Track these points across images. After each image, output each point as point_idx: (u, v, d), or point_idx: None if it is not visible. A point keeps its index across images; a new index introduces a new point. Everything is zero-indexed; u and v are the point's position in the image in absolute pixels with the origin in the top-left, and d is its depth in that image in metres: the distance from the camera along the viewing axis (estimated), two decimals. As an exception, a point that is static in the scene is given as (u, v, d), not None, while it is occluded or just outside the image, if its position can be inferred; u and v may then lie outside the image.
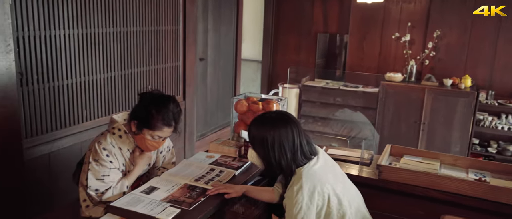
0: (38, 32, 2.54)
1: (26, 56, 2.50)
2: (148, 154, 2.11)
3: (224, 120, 4.96)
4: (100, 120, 3.09)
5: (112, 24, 3.05)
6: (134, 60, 3.32)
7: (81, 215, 2.05)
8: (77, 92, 2.88)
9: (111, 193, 1.97)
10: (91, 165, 1.96)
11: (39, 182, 2.73)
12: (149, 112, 1.96)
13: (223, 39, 4.65)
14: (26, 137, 2.56)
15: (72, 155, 2.90)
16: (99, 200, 1.96)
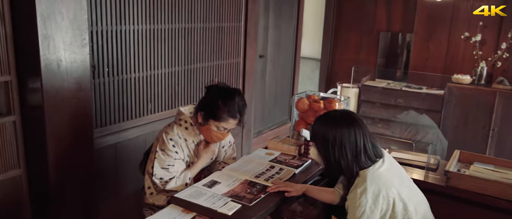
0: (110, 27, 2.66)
1: (99, 50, 2.64)
2: (212, 148, 2.15)
3: (281, 117, 4.95)
4: (163, 113, 3.20)
5: (177, 20, 3.14)
6: (197, 55, 3.40)
7: (145, 202, 2.13)
8: (143, 86, 2.99)
9: (174, 183, 2.03)
10: (158, 154, 2.04)
11: (106, 170, 2.87)
12: (215, 103, 2.00)
13: (283, 37, 4.64)
14: (96, 127, 2.70)
15: (137, 146, 3.02)
16: (162, 189, 2.03)
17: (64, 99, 2.32)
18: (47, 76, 2.21)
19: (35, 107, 2.29)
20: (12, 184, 2.42)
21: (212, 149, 2.14)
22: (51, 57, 2.21)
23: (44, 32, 2.15)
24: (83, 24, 2.33)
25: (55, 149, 2.35)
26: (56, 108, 2.29)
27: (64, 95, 2.31)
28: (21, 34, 2.22)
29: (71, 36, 2.28)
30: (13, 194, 2.43)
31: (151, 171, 2.05)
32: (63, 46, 2.25)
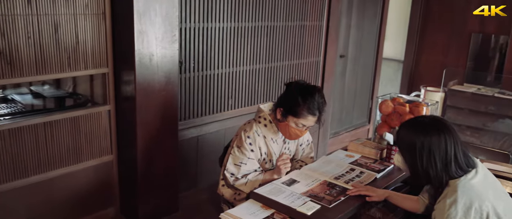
0: (198, 24, 2.77)
1: (186, 46, 2.76)
2: (288, 165, 2.09)
3: (359, 119, 4.82)
4: (243, 110, 3.26)
5: (260, 18, 3.18)
6: (278, 54, 3.42)
7: (217, 191, 2.19)
8: (225, 82, 3.08)
9: (243, 183, 2.06)
10: (233, 150, 2.08)
11: (188, 162, 3.00)
12: (295, 100, 2.00)
13: (365, 36, 4.51)
14: (180, 120, 2.83)
15: (217, 140, 3.12)
16: (231, 184, 2.07)
17: (154, 91, 2.45)
18: (140, 69, 2.36)
19: (128, 98, 2.45)
20: (105, 168, 2.61)
21: (289, 165, 2.09)
22: (144, 52, 2.35)
23: (139, 28, 2.29)
24: (174, 21, 2.45)
25: (144, 138, 2.49)
26: (147, 100, 2.44)
27: (154, 87, 2.45)
28: (119, 29, 2.39)
29: (163, 32, 2.41)
30: (105, 177, 2.63)
31: (225, 164, 2.10)
32: (155, 41, 2.38)
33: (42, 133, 2.27)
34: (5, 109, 3.02)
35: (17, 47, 2.06)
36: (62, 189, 2.44)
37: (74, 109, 2.45)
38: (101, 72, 2.44)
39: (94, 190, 2.60)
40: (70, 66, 2.27)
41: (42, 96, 3.16)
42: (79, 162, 2.46)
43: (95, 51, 2.36)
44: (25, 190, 2.28)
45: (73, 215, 2.53)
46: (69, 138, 2.38)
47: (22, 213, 2.31)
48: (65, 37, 2.22)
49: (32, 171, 2.28)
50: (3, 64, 2.03)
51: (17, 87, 3.19)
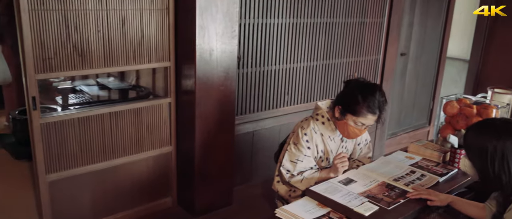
0: (257, 20, 2.78)
1: (244, 42, 2.78)
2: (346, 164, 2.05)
3: (418, 121, 4.63)
4: (298, 106, 3.25)
5: (320, 14, 3.14)
6: (336, 51, 3.36)
7: (271, 187, 2.19)
8: (282, 78, 3.08)
9: (299, 179, 2.04)
10: (290, 147, 2.07)
11: (243, 157, 3.03)
12: (355, 98, 1.95)
13: (429, 34, 4.31)
14: (237, 114, 2.86)
15: (272, 136, 3.13)
16: (287, 180, 2.06)
17: (213, 86, 2.50)
18: (201, 64, 2.41)
19: (188, 91, 2.51)
20: (164, 159, 2.70)
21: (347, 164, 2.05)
22: (205, 47, 2.40)
23: (201, 23, 2.34)
24: (234, 16, 2.47)
25: (202, 131, 2.55)
26: (206, 94, 2.49)
27: (213, 82, 2.49)
28: (181, 24, 2.45)
29: (223, 28, 2.44)
30: (164, 168, 2.72)
31: (281, 160, 2.09)
32: (215, 37, 2.43)
33: (108, 122, 2.38)
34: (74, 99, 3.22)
35: (88, 40, 2.17)
36: (124, 176, 2.55)
37: (137, 101, 2.56)
38: (164, 66, 2.52)
39: (153, 179, 2.69)
40: (135, 59, 2.37)
41: (107, 88, 3.32)
42: (140, 151, 2.56)
43: (159, 45, 2.44)
44: (91, 176, 2.41)
45: (133, 202, 2.65)
46: (132, 128, 2.49)
47: (87, 196, 2.44)
48: (131, 31, 2.32)
49: (98, 158, 2.40)
50: (75, 57, 2.16)
51: (85, 79, 3.38)
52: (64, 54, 2.12)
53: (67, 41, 2.11)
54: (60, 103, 3.27)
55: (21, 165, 3.40)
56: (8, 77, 3.52)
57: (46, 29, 2.04)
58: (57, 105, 3.20)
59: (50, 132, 2.20)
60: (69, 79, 3.33)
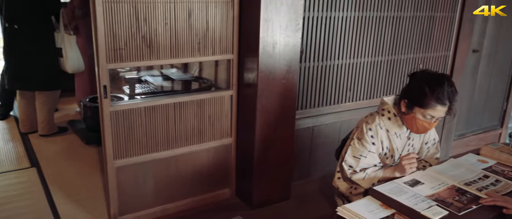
0: (321, 13, 2.73)
1: (308, 35, 2.74)
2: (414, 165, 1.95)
3: (490, 122, 4.34)
4: (361, 103, 3.15)
5: (386, 8, 3.02)
6: (402, 46, 3.22)
7: (332, 184, 2.15)
8: (344, 73, 3.00)
9: (361, 177, 1.97)
10: (353, 142, 2.01)
11: (302, 152, 3.00)
12: (421, 89, 1.86)
13: (505, 30, 4.01)
14: (297, 109, 2.83)
15: (332, 132, 3.07)
16: (348, 177, 2.00)
17: (275, 79, 2.49)
18: (264, 57, 2.40)
19: (250, 84, 2.52)
20: (224, 150, 2.74)
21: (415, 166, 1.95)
22: (269, 40, 2.39)
23: (265, 16, 2.33)
24: (299, 9, 2.44)
25: (262, 124, 2.55)
26: (268, 87, 2.48)
27: (275, 75, 2.48)
28: (245, 17, 2.46)
29: (287, 21, 2.42)
30: (224, 159, 2.76)
31: (344, 156, 2.04)
32: (279, 30, 2.41)
33: (172, 112, 2.45)
34: (140, 89, 3.35)
35: (156, 32, 2.24)
36: (185, 166, 2.62)
37: (201, 92, 2.60)
38: (227, 58, 2.54)
39: (213, 170, 2.74)
40: (199, 51, 2.41)
41: (171, 79, 3.42)
42: (201, 142, 2.61)
43: (223, 38, 2.47)
44: (154, 163, 2.50)
45: (193, 191, 2.71)
46: (195, 119, 2.54)
47: (150, 183, 2.53)
48: (197, 23, 2.35)
49: (162, 146, 2.48)
50: (144, 48, 2.23)
51: (150, 69, 3.50)
52: (133, 45, 2.20)
53: (136, 32, 2.18)
54: (126, 92, 3.42)
55: (91, 149, 3.60)
56: (81, 66, 3.73)
57: (118, 21, 2.12)
58: (123, 94, 3.35)
59: (119, 119, 2.30)
60: (135, 69, 3.47)
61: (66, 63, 3.60)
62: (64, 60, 3.60)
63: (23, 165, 3.29)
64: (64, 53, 3.58)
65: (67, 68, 3.63)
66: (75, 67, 3.66)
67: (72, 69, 3.66)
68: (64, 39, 3.56)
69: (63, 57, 3.59)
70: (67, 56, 3.58)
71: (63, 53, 3.58)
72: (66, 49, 3.57)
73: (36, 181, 3.03)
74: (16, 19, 3.47)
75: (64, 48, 3.57)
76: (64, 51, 3.58)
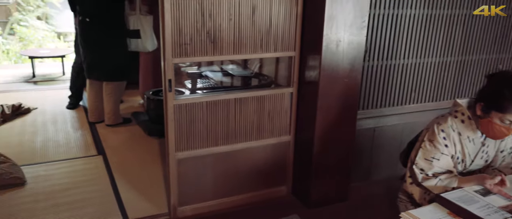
0: (387, 10, 2.63)
1: (373, 33, 2.65)
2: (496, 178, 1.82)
3: None
4: (426, 105, 3.02)
5: (458, 5, 2.85)
6: (474, 46, 3.04)
7: (404, 188, 2.06)
8: (410, 73, 2.88)
9: (433, 184, 1.87)
10: (424, 144, 1.92)
11: (361, 153, 2.92)
12: (500, 92, 1.73)
13: None
14: (359, 109, 2.76)
15: (394, 134, 2.96)
16: (419, 182, 1.91)
17: (337, 78, 2.43)
18: (327, 55, 2.36)
19: (311, 82, 2.48)
20: (282, 148, 2.73)
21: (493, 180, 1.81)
22: (332, 37, 2.34)
23: (330, 13, 2.28)
24: (365, 6, 2.37)
25: (322, 123, 2.51)
26: (329, 86, 2.43)
27: (337, 74, 2.43)
28: (309, 14, 2.42)
29: (352, 18, 2.35)
30: (281, 156, 2.75)
31: (413, 159, 1.95)
32: (343, 27, 2.35)
33: (233, 108, 2.47)
34: (200, 84, 3.42)
35: (220, 28, 2.27)
36: (243, 161, 2.63)
37: (261, 88, 2.61)
38: (288, 55, 2.53)
39: (270, 167, 2.74)
40: (262, 48, 2.41)
41: (230, 75, 3.47)
42: (260, 138, 2.62)
43: (285, 35, 2.45)
44: (214, 157, 2.54)
45: (249, 186, 2.72)
46: (254, 115, 2.55)
47: (209, 176, 2.58)
48: (260, 20, 2.35)
49: (222, 141, 2.51)
50: (208, 43, 2.26)
51: (210, 65, 3.56)
52: (198, 40, 2.24)
53: (202, 28, 2.22)
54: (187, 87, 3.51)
55: (152, 141, 3.74)
56: (155, 45, 3.90)
57: (184, 17, 2.17)
58: (184, 88, 3.44)
59: (182, 113, 2.35)
60: (195, 64, 3.55)
61: (145, 42, 3.79)
62: (142, 40, 3.77)
63: (90, 152, 3.48)
64: (143, 33, 3.76)
65: (147, 46, 3.82)
66: (153, 45, 3.85)
67: (152, 47, 3.87)
68: (141, 20, 3.73)
69: (141, 37, 3.76)
70: (146, 35, 3.77)
71: (141, 33, 3.75)
72: (144, 30, 3.75)
73: (102, 168, 3.19)
74: (88, 12, 3.66)
75: (142, 29, 3.75)
76: (142, 32, 3.75)
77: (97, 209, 2.63)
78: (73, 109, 4.50)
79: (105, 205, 2.69)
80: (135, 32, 3.75)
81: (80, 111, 4.48)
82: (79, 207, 2.65)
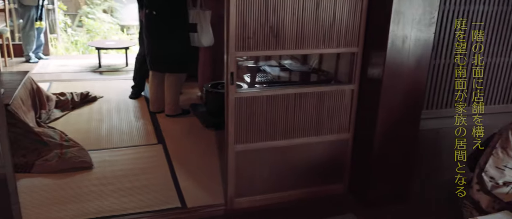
0: (459, 6, 2.51)
1: (441, 30, 2.54)
2: None
3: None
4: (496, 107, 2.87)
5: (538, 2, 2.67)
6: (553, 45, 2.83)
7: (470, 195, 1.97)
8: (478, 73, 2.73)
9: (505, 191, 1.77)
10: (496, 151, 1.82)
11: (422, 154, 2.81)
12: None
13: None
14: (423, 108, 2.65)
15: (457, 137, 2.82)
16: (489, 189, 1.81)
17: (402, 75, 2.36)
18: (391, 51, 2.29)
19: (374, 79, 2.42)
20: (340, 145, 2.69)
21: None
22: (398, 33, 2.27)
23: (397, 8, 2.21)
24: (434, 1, 2.28)
25: (384, 121, 2.45)
26: (393, 83, 2.37)
27: (402, 71, 2.35)
28: (374, 9, 2.36)
29: (421, 14, 2.27)
30: (339, 154, 2.72)
31: (483, 166, 1.85)
32: (411, 23, 2.27)
33: (292, 103, 2.47)
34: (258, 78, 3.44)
35: (283, 22, 2.27)
36: (300, 156, 2.63)
37: (321, 84, 2.58)
38: (351, 51, 2.48)
39: (327, 164, 2.71)
40: (324, 43, 2.39)
41: (288, 69, 3.46)
42: (319, 134, 2.60)
43: (349, 30, 2.41)
44: (271, 151, 2.55)
45: (305, 182, 2.71)
46: (314, 111, 2.53)
47: (266, 169, 2.60)
48: (324, 15, 2.33)
49: (280, 135, 2.52)
50: (270, 37, 2.27)
51: (268, 60, 3.58)
52: (261, 35, 2.25)
53: (265, 22, 2.23)
54: (246, 81, 3.55)
55: (210, 133, 3.82)
56: (212, 40, 3.97)
57: (248, 11, 2.19)
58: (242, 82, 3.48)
59: (242, 106, 2.38)
60: (253, 59, 3.57)
61: (201, 37, 3.84)
62: (198, 34, 3.83)
63: (151, 141, 3.62)
64: (200, 28, 3.82)
65: (203, 41, 3.87)
66: (208, 41, 3.91)
67: (207, 42, 3.92)
68: (200, 15, 3.80)
69: (198, 32, 3.83)
70: (202, 30, 3.83)
71: (198, 28, 3.82)
72: (201, 24, 3.82)
73: (161, 157, 3.31)
74: (155, 6, 3.79)
75: (200, 24, 3.81)
76: (199, 26, 3.82)
77: (157, 196, 2.74)
78: (135, 99, 4.69)
79: (165, 192, 2.79)
80: (192, 26, 3.82)
81: (141, 101, 4.66)
82: (141, 193, 2.76)
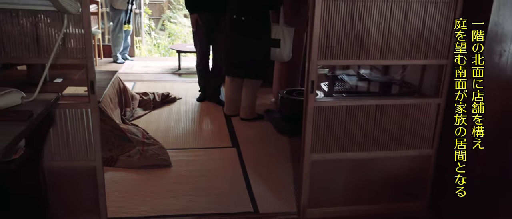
0: None
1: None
2: None
3: None
4: None
5: None
6: None
7: None
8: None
9: None
10: None
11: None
12: None
13: None
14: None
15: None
16: None
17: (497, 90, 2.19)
18: (486, 65, 2.13)
19: (464, 94, 2.27)
20: (422, 161, 2.57)
21: None
22: (495, 47, 2.11)
23: (495, 20, 2.06)
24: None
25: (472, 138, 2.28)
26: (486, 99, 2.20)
27: (497, 86, 2.18)
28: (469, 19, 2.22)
29: (522, 26, 2.09)
30: (420, 170, 2.59)
31: None
32: (510, 35, 2.10)
33: (373, 114, 2.39)
34: (337, 87, 3.39)
35: (368, 31, 2.21)
36: (378, 170, 2.54)
37: (405, 97, 2.48)
38: (439, 63, 2.35)
39: (407, 180, 2.59)
40: (411, 54, 2.29)
41: (367, 79, 3.36)
42: (399, 149, 2.49)
43: (438, 41, 2.29)
44: (348, 163, 2.49)
45: (382, 197, 2.61)
46: (395, 124, 2.43)
47: (341, 181, 2.54)
48: (412, 24, 2.23)
49: (358, 147, 2.45)
50: (354, 47, 2.23)
51: (346, 69, 3.51)
52: (345, 44, 2.21)
53: (350, 31, 2.19)
54: (323, 89, 3.50)
55: (283, 139, 3.82)
56: (290, 56, 4.04)
57: (333, 20, 2.16)
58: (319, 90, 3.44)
59: (320, 115, 2.35)
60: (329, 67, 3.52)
61: (283, 53, 3.97)
62: (281, 50, 3.96)
63: (226, 144, 3.70)
64: (283, 43, 3.93)
65: (284, 57, 4.01)
66: (289, 56, 4.03)
67: (288, 57, 4.04)
68: (284, 31, 3.90)
69: (280, 47, 3.94)
70: (285, 46, 3.94)
71: (281, 43, 3.93)
72: (285, 40, 3.93)
73: (235, 160, 3.37)
74: (244, 11, 3.88)
75: (283, 40, 3.93)
76: (282, 42, 3.93)
77: (230, 198, 2.79)
78: (201, 102, 4.83)
79: (238, 196, 2.83)
80: (275, 41, 3.93)
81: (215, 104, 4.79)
82: (215, 194, 2.83)
